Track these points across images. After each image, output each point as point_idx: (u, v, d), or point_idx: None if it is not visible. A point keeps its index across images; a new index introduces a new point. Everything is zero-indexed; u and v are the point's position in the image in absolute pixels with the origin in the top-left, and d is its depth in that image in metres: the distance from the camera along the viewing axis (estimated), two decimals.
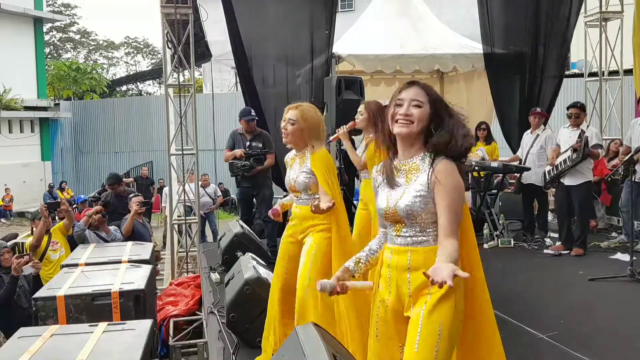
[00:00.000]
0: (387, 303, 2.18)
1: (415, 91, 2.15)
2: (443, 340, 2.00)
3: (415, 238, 2.13)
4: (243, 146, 6.39)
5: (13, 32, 21.28)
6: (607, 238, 6.91)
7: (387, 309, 2.18)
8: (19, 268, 4.98)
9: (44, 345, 2.86)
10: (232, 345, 3.77)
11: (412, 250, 2.13)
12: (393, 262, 2.17)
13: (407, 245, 2.14)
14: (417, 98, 2.14)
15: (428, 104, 2.14)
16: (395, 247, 2.18)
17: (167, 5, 7.21)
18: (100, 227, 6.14)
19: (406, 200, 2.12)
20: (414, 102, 2.13)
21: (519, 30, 7.98)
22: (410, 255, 2.12)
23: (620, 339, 3.92)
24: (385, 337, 2.20)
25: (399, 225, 2.17)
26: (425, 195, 2.09)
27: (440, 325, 2.00)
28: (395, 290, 2.15)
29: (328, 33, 7.07)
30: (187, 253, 7.53)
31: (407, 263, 2.12)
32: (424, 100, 2.14)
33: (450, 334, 2.02)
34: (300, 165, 3.35)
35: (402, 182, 2.16)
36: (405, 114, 2.13)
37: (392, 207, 2.15)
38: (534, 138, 6.94)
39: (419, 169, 2.14)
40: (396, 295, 2.15)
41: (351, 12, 20.74)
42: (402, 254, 2.15)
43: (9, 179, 19.47)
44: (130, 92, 33.62)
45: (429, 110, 2.13)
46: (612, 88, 9.20)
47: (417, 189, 2.11)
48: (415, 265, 2.10)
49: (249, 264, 3.97)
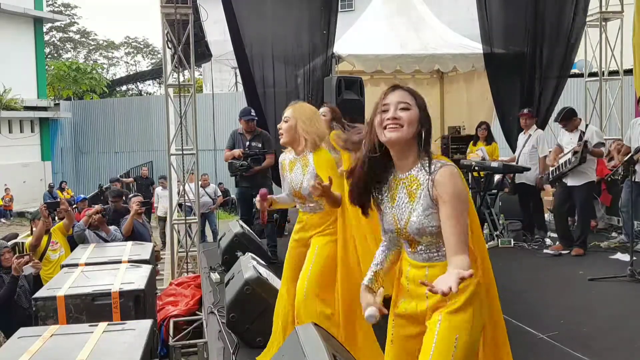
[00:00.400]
0: (406, 312, 2.12)
1: (401, 94, 2.03)
2: (459, 351, 1.93)
3: (431, 254, 2.06)
4: (243, 146, 6.39)
5: (13, 32, 21.28)
6: (607, 238, 6.91)
7: (405, 318, 2.13)
8: (19, 268, 4.97)
9: (44, 345, 2.85)
10: (232, 345, 3.77)
11: (430, 266, 2.06)
12: (411, 276, 2.11)
13: (424, 261, 2.08)
14: (404, 100, 2.01)
15: (416, 106, 2.02)
16: (413, 262, 2.11)
17: (167, 5, 7.21)
18: (100, 227, 6.14)
19: (416, 221, 2.01)
20: (401, 105, 2.00)
21: (519, 31, 7.98)
22: (428, 272, 2.05)
23: (620, 339, 3.92)
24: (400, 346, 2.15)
25: (413, 243, 2.09)
26: (433, 211, 1.99)
27: (456, 336, 1.93)
28: (414, 303, 2.10)
29: (326, 33, 7.07)
30: (187, 253, 7.53)
31: (424, 279, 2.03)
32: (412, 102, 2.01)
33: (467, 346, 1.95)
34: (302, 168, 3.20)
35: (405, 199, 2.05)
36: (394, 117, 1.98)
37: (403, 228, 2.06)
38: (526, 138, 7.03)
39: (420, 183, 2.02)
40: (414, 306, 2.10)
41: (351, 12, 20.72)
42: (420, 269, 2.08)
43: (9, 179, 19.48)
44: (130, 92, 33.61)
45: (417, 113, 2.01)
46: (612, 88, 9.20)
47: (424, 207, 2.00)
48: (433, 281, 2.01)
49: (249, 263, 3.97)
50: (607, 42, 8.91)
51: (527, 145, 6.97)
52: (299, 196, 3.23)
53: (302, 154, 3.22)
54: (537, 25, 7.91)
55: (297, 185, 3.20)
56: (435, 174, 1.97)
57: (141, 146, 21.95)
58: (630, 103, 10.64)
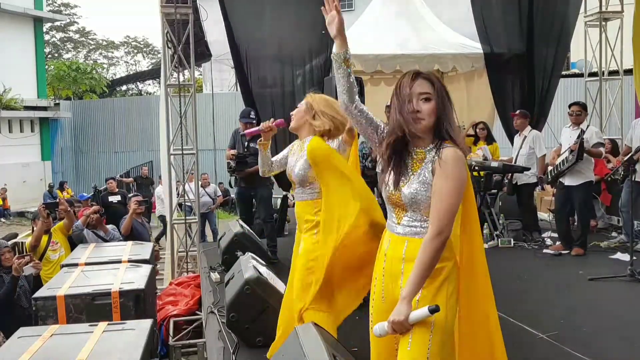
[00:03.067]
0: (383, 295, 2.17)
1: (421, 84, 2.07)
2: (436, 334, 1.98)
3: (414, 228, 2.09)
4: (242, 146, 6.41)
5: (13, 31, 21.29)
6: (607, 238, 6.91)
7: (384, 301, 2.16)
8: (20, 268, 4.96)
9: (44, 345, 2.85)
10: (232, 345, 3.76)
11: (409, 240, 2.10)
12: (390, 252, 2.15)
13: (405, 235, 2.11)
14: (425, 91, 2.06)
15: (435, 94, 2.06)
16: (393, 236, 2.15)
17: (167, 5, 7.21)
18: (98, 226, 6.15)
19: (411, 188, 2.07)
20: (422, 97, 2.06)
21: (515, 30, 8.00)
22: (406, 245, 2.09)
23: (620, 338, 3.92)
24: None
25: (399, 212, 2.13)
26: (429, 183, 2.05)
27: (432, 320, 1.98)
28: (390, 282, 2.14)
29: (324, 33, 7.05)
30: (187, 253, 7.53)
31: (402, 253, 2.10)
32: (432, 91, 2.06)
33: (444, 328, 2.00)
34: (299, 152, 3.17)
35: (410, 168, 2.10)
36: (416, 111, 2.05)
37: (397, 192, 2.10)
38: (521, 140, 7.02)
39: (425, 158, 2.08)
40: (391, 286, 2.13)
41: (351, 12, 20.72)
42: (399, 243, 2.12)
43: (9, 179, 19.49)
44: (130, 92, 33.60)
45: (436, 101, 2.06)
46: (612, 88, 9.20)
47: (421, 179, 2.06)
48: (410, 256, 2.06)
49: (249, 263, 3.97)
50: (607, 42, 8.91)
51: (524, 147, 6.98)
52: (291, 179, 3.21)
53: (303, 139, 3.17)
54: (532, 25, 7.92)
55: (290, 169, 3.19)
56: (442, 153, 2.04)
57: (141, 146, 21.96)
58: (630, 103, 10.65)
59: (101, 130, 22.81)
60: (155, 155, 20.53)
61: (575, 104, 6.29)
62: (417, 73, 2.11)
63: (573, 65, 16.41)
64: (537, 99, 8.05)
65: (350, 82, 2.28)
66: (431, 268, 1.98)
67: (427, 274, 1.98)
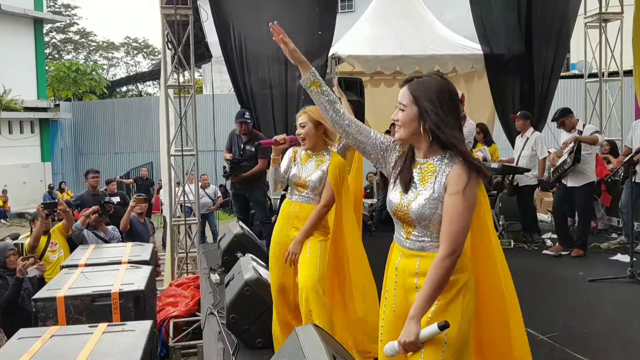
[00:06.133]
0: (394, 307, 2.12)
1: (402, 93, 2.07)
2: (450, 347, 1.94)
3: (424, 244, 2.05)
4: (238, 148, 6.42)
5: (13, 32, 21.29)
6: (607, 239, 6.92)
7: (394, 312, 2.12)
8: (24, 270, 4.93)
9: (44, 346, 2.85)
10: (232, 346, 3.76)
11: (422, 255, 2.05)
12: (401, 266, 2.10)
13: (416, 250, 2.06)
14: (401, 101, 2.06)
15: (413, 104, 2.02)
16: (405, 250, 2.10)
17: (167, 5, 7.20)
18: (98, 226, 6.14)
19: (419, 203, 2.02)
20: (399, 106, 2.07)
21: (514, 31, 8.01)
22: (419, 261, 2.05)
23: (620, 340, 3.92)
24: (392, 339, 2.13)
25: (408, 228, 2.08)
26: (438, 199, 2.00)
27: (444, 336, 1.93)
28: (402, 294, 2.09)
29: (324, 34, 7.04)
30: (187, 254, 7.52)
31: (415, 268, 2.05)
32: (407, 102, 2.04)
33: (458, 341, 1.96)
34: (317, 164, 3.30)
35: (417, 182, 2.06)
36: (395, 119, 2.08)
37: (405, 207, 2.06)
38: (523, 142, 7.00)
39: (436, 171, 2.03)
40: (403, 299, 2.09)
41: (351, 13, 20.74)
42: (411, 258, 2.07)
43: (9, 180, 19.48)
44: (130, 93, 33.60)
45: (414, 111, 2.02)
46: (612, 89, 9.20)
47: (431, 193, 2.01)
48: (423, 271, 2.01)
49: (248, 264, 3.97)
50: (607, 43, 8.91)
51: (526, 148, 6.95)
52: (301, 184, 3.31)
53: (319, 152, 3.33)
54: (530, 25, 7.93)
55: (306, 176, 3.29)
56: (453, 169, 2.00)
57: (141, 147, 21.95)
58: (630, 104, 10.65)
59: (101, 131, 22.81)
60: (155, 157, 20.53)
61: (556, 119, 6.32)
62: (406, 80, 2.10)
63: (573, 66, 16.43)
64: (536, 100, 8.07)
65: (328, 98, 2.33)
66: (441, 288, 1.94)
67: (437, 294, 1.94)
